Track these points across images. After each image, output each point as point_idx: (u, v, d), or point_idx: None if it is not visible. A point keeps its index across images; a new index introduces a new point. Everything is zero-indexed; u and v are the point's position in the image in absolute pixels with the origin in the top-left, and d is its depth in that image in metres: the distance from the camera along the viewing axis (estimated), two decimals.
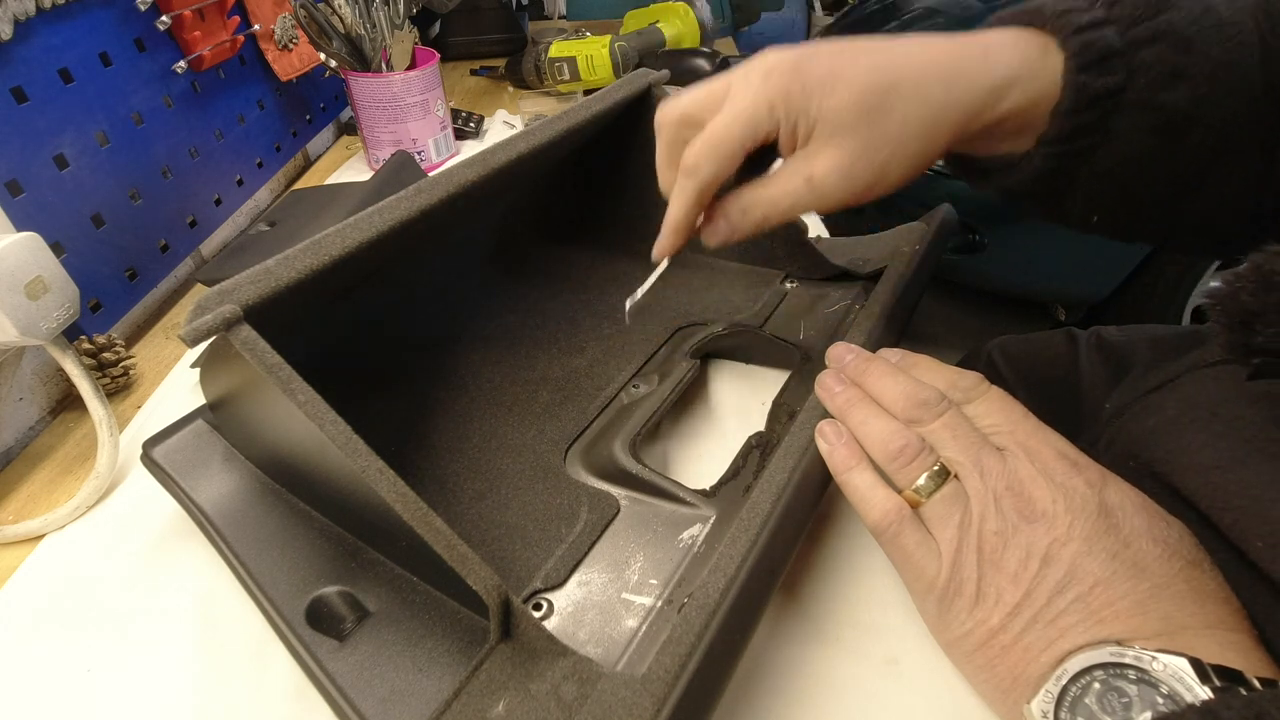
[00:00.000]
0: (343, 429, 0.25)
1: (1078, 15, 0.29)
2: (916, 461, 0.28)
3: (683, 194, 0.32)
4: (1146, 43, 0.29)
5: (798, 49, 0.30)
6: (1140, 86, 0.29)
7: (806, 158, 0.30)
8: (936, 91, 0.29)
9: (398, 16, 0.71)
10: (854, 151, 0.29)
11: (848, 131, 0.29)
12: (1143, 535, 0.25)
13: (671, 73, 0.53)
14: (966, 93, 0.29)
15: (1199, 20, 0.29)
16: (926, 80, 0.29)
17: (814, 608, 0.32)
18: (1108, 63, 0.29)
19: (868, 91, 0.28)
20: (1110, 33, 0.29)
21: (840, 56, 0.29)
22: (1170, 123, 0.29)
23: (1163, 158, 0.30)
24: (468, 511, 0.34)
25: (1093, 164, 0.30)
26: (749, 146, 0.30)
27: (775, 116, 0.29)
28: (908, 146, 0.29)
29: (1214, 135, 0.29)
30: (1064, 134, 0.29)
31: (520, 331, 0.45)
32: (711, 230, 0.34)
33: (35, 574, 0.35)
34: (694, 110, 0.31)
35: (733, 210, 0.33)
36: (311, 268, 0.29)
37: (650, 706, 0.21)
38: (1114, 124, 0.29)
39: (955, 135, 0.30)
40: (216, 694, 0.30)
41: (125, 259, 0.52)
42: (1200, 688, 0.21)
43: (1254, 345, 0.25)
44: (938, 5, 1.44)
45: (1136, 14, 0.29)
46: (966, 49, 0.29)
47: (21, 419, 0.44)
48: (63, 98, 0.47)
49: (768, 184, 0.32)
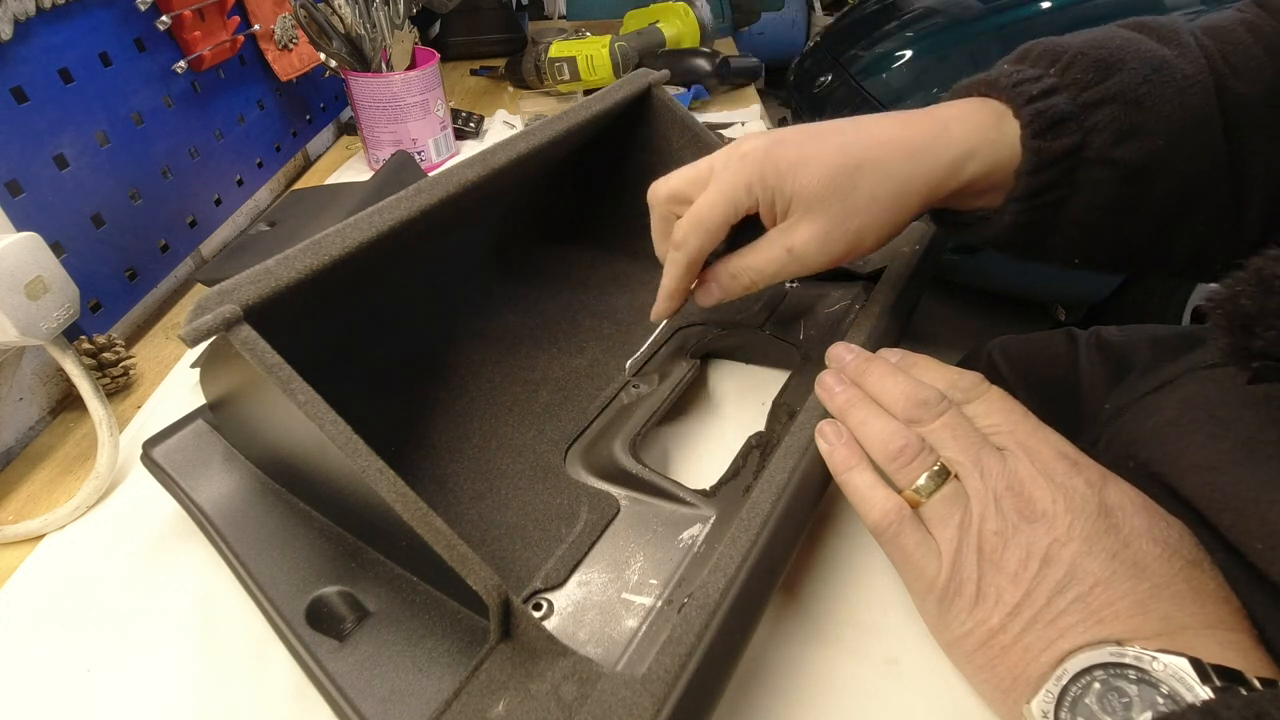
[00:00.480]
0: (343, 429, 0.25)
1: (1030, 85, 0.32)
2: (916, 461, 0.28)
3: (674, 265, 0.36)
4: (1097, 105, 0.31)
5: (773, 134, 0.33)
6: (1096, 145, 0.31)
7: (786, 230, 0.33)
8: (900, 167, 0.32)
9: (398, 16, 0.71)
10: (828, 224, 0.32)
11: (821, 206, 0.32)
12: (1143, 535, 0.25)
13: (671, 73, 0.53)
14: (928, 166, 0.32)
15: (1149, 78, 0.31)
16: (891, 158, 0.32)
17: (814, 608, 0.32)
18: (1062, 126, 0.31)
19: (837, 170, 0.31)
20: (1061, 100, 0.31)
21: (810, 140, 0.32)
22: (1133, 174, 0.31)
23: (1132, 204, 0.32)
24: (468, 511, 0.34)
25: (1064, 213, 0.32)
26: (731, 221, 0.34)
27: (753, 195, 0.33)
28: (878, 217, 0.32)
29: (1179, 181, 0.31)
30: (1029, 191, 0.32)
31: (520, 331, 0.45)
32: (705, 293, 0.37)
33: (35, 574, 0.35)
34: (681, 188, 0.35)
35: (723, 275, 0.36)
36: (311, 268, 0.29)
37: (650, 706, 0.21)
38: (1078, 178, 0.32)
39: (922, 203, 0.33)
40: (216, 694, 0.30)
41: (125, 259, 0.52)
42: (1201, 688, 0.21)
43: (1253, 349, 0.25)
44: (937, 5, 1.44)
45: (1087, 79, 0.31)
46: (928, 126, 0.32)
47: (21, 419, 0.44)
48: (63, 98, 0.47)
49: (753, 253, 0.35)
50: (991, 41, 1.29)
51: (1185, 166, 0.31)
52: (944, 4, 1.43)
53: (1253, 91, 0.31)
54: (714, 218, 0.34)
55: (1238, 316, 0.25)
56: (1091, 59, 0.31)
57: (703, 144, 0.47)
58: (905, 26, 1.45)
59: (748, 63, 1.00)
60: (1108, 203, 0.32)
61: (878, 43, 1.46)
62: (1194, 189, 0.32)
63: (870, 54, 1.45)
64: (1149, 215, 0.32)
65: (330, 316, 0.37)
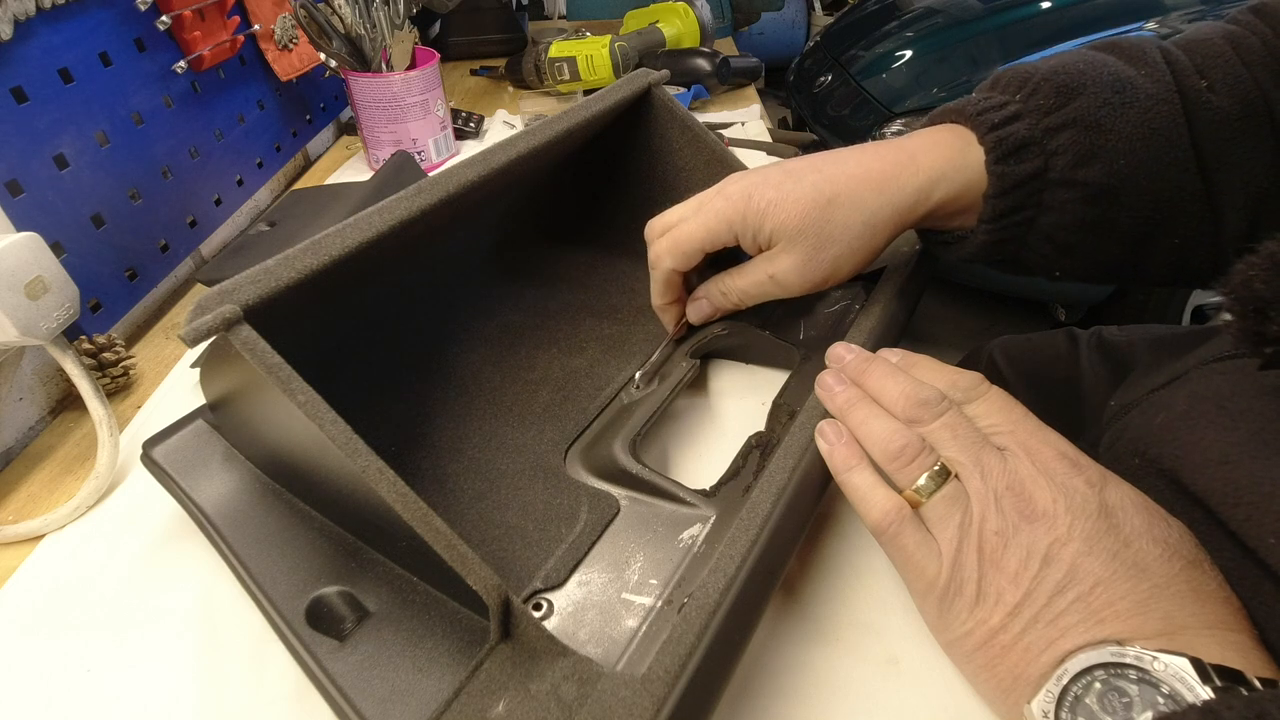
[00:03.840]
0: (343, 429, 0.25)
1: (993, 113, 0.34)
2: (917, 461, 0.28)
3: (653, 282, 0.40)
4: (1058, 130, 0.33)
5: (756, 174, 0.37)
6: (1059, 168, 0.33)
7: (768, 259, 0.37)
8: (870, 198, 0.34)
9: (398, 16, 0.71)
10: (805, 254, 0.35)
11: (798, 239, 0.35)
12: (1143, 535, 0.25)
13: (671, 73, 0.53)
14: (897, 195, 0.34)
15: (1109, 101, 0.32)
16: (860, 190, 0.34)
17: (814, 608, 0.32)
18: (1024, 151, 0.33)
19: (811, 206, 0.34)
20: (1022, 126, 0.33)
21: (788, 179, 0.35)
22: (1098, 195, 0.32)
23: (1101, 222, 0.33)
24: (468, 511, 0.34)
25: (1034, 232, 0.35)
26: (706, 250, 0.37)
27: (733, 232, 0.36)
28: (851, 245, 0.35)
29: (1146, 198, 0.33)
30: (997, 213, 0.34)
31: (520, 331, 0.45)
32: (695, 309, 0.41)
33: (35, 574, 0.35)
34: (671, 220, 0.39)
35: (714, 292, 0.40)
36: (311, 268, 0.29)
37: (650, 706, 0.21)
38: (1044, 199, 0.33)
39: (893, 230, 0.35)
40: (216, 694, 0.30)
41: (125, 259, 0.52)
42: (1201, 688, 0.21)
43: (1267, 334, 0.24)
44: (937, 5, 1.44)
45: (1049, 104, 0.33)
46: (894, 157, 0.35)
47: (21, 419, 0.44)
48: (63, 98, 0.47)
49: (740, 275, 0.38)
50: (991, 41, 1.29)
51: (1150, 184, 0.32)
52: (944, 4, 1.43)
53: (1228, 104, 0.32)
54: (690, 244, 0.37)
55: (1251, 301, 0.25)
56: (1054, 85, 0.33)
57: (702, 144, 0.47)
58: (905, 26, 1.45)
59: (748, 63, 1.00)
60: (1076, 222, 0.33)
61: (878, 43, 1.46)
62: (1163, 204, 0.33)
63: (870, 54, 1.46)
64: (1120, 231, 0.34)
65: (330, 316, 0.37)
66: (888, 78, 1.37)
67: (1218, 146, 0.32)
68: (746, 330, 0.44)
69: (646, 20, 1.01)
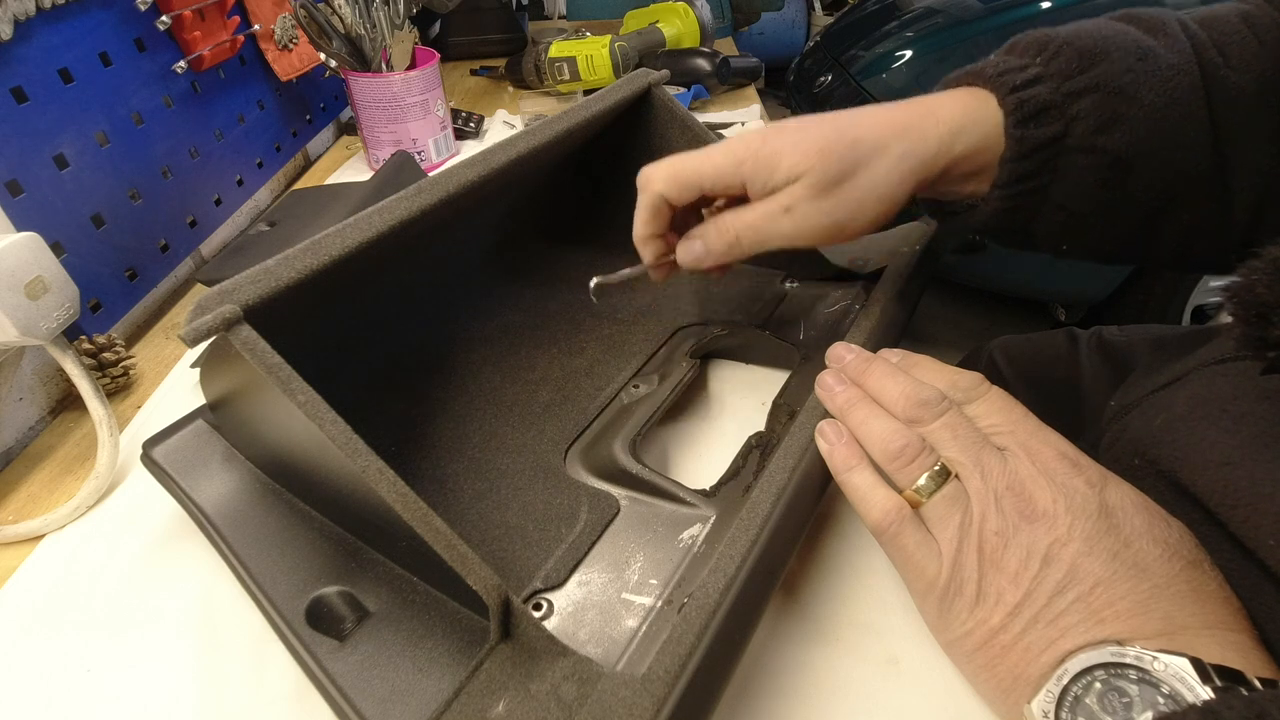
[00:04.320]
0: (343, 429, 0.25)
1: (1014, 75, 0.32)
2: (917, 461, 0.28)
3: (638, 208, 0.36)
4: (1079, 95, 0.31)
5: (772, 125, 0.34)
6: (1079, 133, 0.31)
7: (785, 191, 0.33)
8: (894, 144, 0.32)
9: (398, 16, 0.71)
10: (826, 187, 0.32)
11: (819, 172, 0.32)
12: (1143, 535, 0.25)
13: (671, 73, 0.53)
14: (920, 143, 0.32)
15: (1132, 68, 0.31)
16: (884, 135, 0.32)
17: (814, 608, 0.31)
18: (1044, 115, 0.32)
19: (834, 143, 0.32)
20: (1044, 89, 0.32)
21: (806, 124, 0.33)
22: (1115, 162, 0.31)
23: (1116, 192, 0.32)
24: (468, 511, 0.34)
25: (1049, 200, 0.33)
26: (708, 188, 0.34)
27: (740, 174, 0.33)
28: (876, 189, 0.32)
29: (1163, 170, 0.32)
30: (1014, 177, 0.32)
31: (520, 331, 0.45)
32: (685, 249, 0.36)
33: (35, 574, 0.35)
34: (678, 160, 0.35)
35: (710, 231, 0.35)
36: (311, 268, 0.29)
37: (650, 706, 0.21)
38: (1061, 165, 0.32)
39: (916, 181, 0.33)
40: (216, 694, 0.30)
41: (125, 259, 0.52)
42: (1201, 688, 0.21)
43: (1270, 339, 0.24)
44: (937, 5, 1.44)
45: (1070, 68, 0.32)
46: (915, 109, 0.33)
47: (21, 419, 0.44)
48: (63, 98, 0.47)
49: (747, 209, 0.34)
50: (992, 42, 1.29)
51: (1168, 155, 0.31)
52: (944, 4, 1.43)
53: (1245, 81, 0.31)
54: (689, 173, 0.34)
55: (1253, 305, 0.25)
56: (1076, 49, 0.32)
57: (703, 144, 0.47)
58: (905, 26, 1.45)
59: (748, 63, 1.00)
60: (1092, 190, 0.32)
61: (878, 43, 1.46)
62: (1178, 178, 0.32)
63: (870, 54, 1.45)
64: (1134, 203, 0.33)
65: (330, 316, 0.37)
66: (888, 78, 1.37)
67: (1233, 123, 0.31)
68: (746, 330, 0.44)
69: (646, 20, 1.01)
